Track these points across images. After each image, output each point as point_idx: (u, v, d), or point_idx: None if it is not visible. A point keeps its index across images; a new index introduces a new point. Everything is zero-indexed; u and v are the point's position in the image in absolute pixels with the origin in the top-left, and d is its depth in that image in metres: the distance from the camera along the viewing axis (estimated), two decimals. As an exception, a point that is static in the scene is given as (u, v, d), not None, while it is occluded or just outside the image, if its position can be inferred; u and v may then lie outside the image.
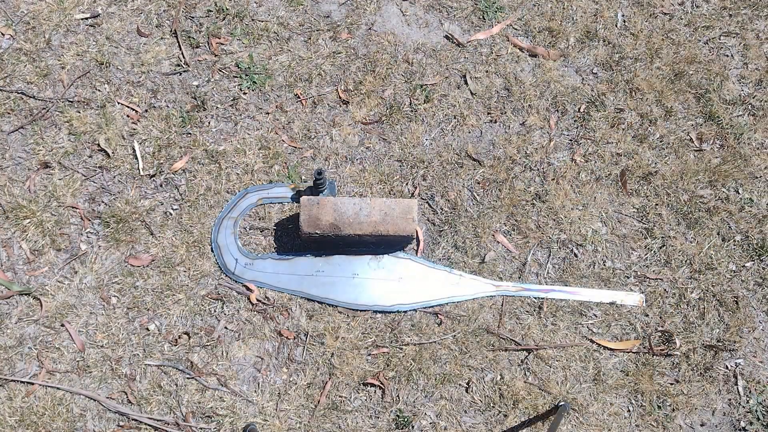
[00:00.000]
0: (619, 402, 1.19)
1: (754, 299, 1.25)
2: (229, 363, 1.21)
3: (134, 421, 1.17)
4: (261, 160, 1.36)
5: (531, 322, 1.24)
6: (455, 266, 1.28)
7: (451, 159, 1.36)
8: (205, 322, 1.24)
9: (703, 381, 1.20)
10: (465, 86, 1.43)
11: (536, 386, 1.19)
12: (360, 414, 1.18)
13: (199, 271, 1.27)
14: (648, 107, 1.40)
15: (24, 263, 1.28)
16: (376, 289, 1.25)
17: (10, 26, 1.42)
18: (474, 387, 1.19)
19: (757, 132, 1.38)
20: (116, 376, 1.20)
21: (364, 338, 1.22)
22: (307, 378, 1.20)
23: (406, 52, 1.46)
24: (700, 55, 1.45)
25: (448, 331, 1.23)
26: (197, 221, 1.30)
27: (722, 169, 1.34)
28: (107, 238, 1.29)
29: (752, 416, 1.18)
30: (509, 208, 1.32)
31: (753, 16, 1.50)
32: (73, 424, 1.17)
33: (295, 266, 1.27)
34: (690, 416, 1.18)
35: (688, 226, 1.30)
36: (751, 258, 1.28)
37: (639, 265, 1.28)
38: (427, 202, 1.33)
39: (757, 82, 1.43)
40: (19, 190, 1.32)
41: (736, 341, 1.22)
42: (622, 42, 1.47)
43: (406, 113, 1.40)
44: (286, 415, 1.18)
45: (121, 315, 1.24)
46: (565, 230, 1.30)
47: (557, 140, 1.38)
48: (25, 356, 1.22)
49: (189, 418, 1.17)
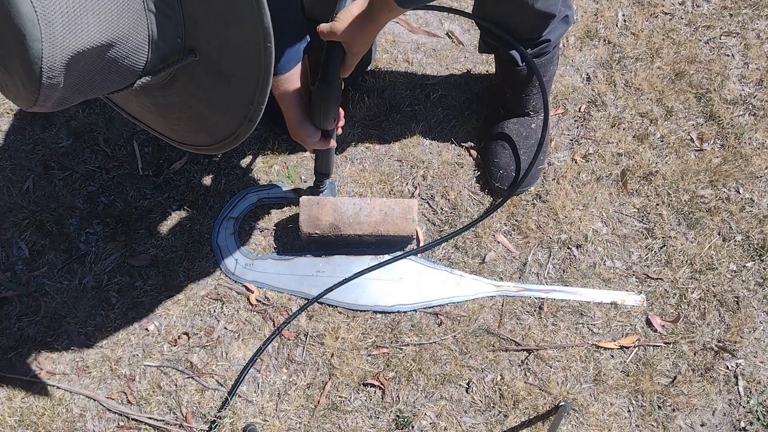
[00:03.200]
0: (620, 402, 1.18)
1: (754, 299, 1.25)
2: (228, 363, 1.21)
3: (134, 421, 1.17)
4: (261, 160, 1.35)
5: (531, 322, 1.23)
6: (455, 266, 1.27)
7: (451, 159, 1.36)
8: (204, 322, 1.24)
9: (704, 381, 1.20)
10: (465, 86, 1.43)
11: (536, 386, 1.19)
12: (360, 414, 1.18)
13: (199, 271, 1.27)
14: (649, 107, 1.40)
15: (24, 263, 1.28)
16: (376, 290, 1.25)
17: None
18: (474, 387, 1.19)
19: (757, 132, 1.38)
20: (116, 377, 1.20)
21: (364, 338, 1.22)
22: (307, 378, 1.20)
23: (406, 51, 1.46)
24: (700, 54, 1.45)
25: (448, 332, 1.23)
26: (197, 221, 1.30)
27: (723, 169, 1.34)
28: (107, 239, 1.29)
29: (752, 416, 1.18)
30: (509, 208, 1.31)
31: (753, 16, 1.50)
32: (72, 424, 1.17)
33: (295, 266, 1.27)
34: (690, 416, 1.18)
35: (689, 226, 1.30)
36: (752, 258, 1.28)
37: (639, 265, 1.28)
38: (427, 202, 1.33)
39: (757, 82, 1.43)
40: (19, 190, 1.32)
41: (737, 341, 1.22)
42: (623, 42, 1.46)
43: (406, 113, 1.40)
44: (285, 415, 1.18)
45: (121, 315, 1.24)
46: (566, 230, 1.30)
47: (557, 140, 1.38)
48: (24, 356, 1.22)
49: (189, 418, 1.17)
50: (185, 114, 0.76)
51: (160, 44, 0.65)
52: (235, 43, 0.67)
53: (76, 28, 0.56)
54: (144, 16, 0.62)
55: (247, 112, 0.71)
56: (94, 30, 0.58)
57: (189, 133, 0.80)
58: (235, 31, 0.66)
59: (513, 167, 1.29)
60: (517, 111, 1.32)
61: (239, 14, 0.64)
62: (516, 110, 1.32)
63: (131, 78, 0.65)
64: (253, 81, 0.69)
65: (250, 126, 0.73)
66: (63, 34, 0.55)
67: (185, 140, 0.81)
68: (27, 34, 0.53)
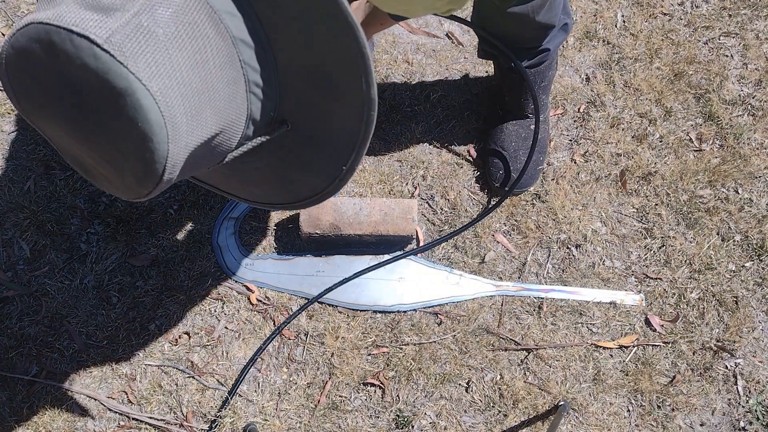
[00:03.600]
0: (619, 402, 1.19)
1: (753, 299, 1.25)
2: (229, 363, 1.21)
3: (135, 420, 1.18)
4: (261, 160, 1.36)
5: (531, 322, 1.24)
6: (455, 266, 1.28)
7: (451, 159, 1.36)
8: (205, 322, 1.24)
9: (703, 381, 1.20)
10: (465, 87, 1.43)
11: (536, 386, 1.19)
12: (360, 414, 1.18)
13: (200, 271, 1.27)
14: (648, 107, 1.41)
15: (25, 263, 1.28)
16: (376, 289, 1.25)
17: (10, 27, 1.43)
18: (474, 387, 1.19)
19: (756, 132, 1.38)
20: (116, 376, 1.21)
21: (364, 338, 1.22)
22: (307, 378, 1.20)
23: (406, 52, 1.47)
24: (699, 55, 1.46)
25: (448, 331, 1.23)
26: (198, 221, 1.31)
27: (722, 169, 1.34)
28: (108, 238, 1.29)
29: (752, 416, 1.18)
30: (509, 208, 1.32)
31: (753, 17, 1.50)
32: (73, 423, 1.18)
33: (295, 266, 1.27)
34: (690, 416, 1.18)
35: (688, 226, 1.30)
36: (751, 258, 1.28)
37: (639, 264, 1.28)
38: (426, 202, 1.33)
39: (756, 83, 1.43)
40: (20, 190, 1.33)
41: (736, 341, 1.22)
42: (622, 42, 1.47)
43: (406, 113, 1.40)
44: (286, 414, 1.18)
45: (122, 315, 1.24)
46: (565, 230, 1.30)
47: (557, 140, 1.38)
48: (25, 356, 1.22)
49: (189, 418, 1.17)
50: (266, 177, 0.74)
51: (256, 120, 0.64)
52: (335, 112, 0.65)
53: (196, 125, 0.55)
54: (246, 98, 0.61)
55: (339, 172, 0.69)
56: (210, 122, 0.57)
57: (267, 193, 0.77)
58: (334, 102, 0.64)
59: (512, 168, 1.30)
60: (516, 113, 1.32)
61: (342, 87, 0.62)
62: (515, 112, 1.32)
63: (225, 155, 0.64)
64: (350, 146, 0.66)
65: (340, 185, 0.70)
66: (186, 134, 0.54)
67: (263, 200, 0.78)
68: (154, 137, 0.52)
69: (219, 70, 0.57)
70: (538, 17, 1.07)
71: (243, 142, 0.65)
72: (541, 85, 1.26)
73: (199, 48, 0.55)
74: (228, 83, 0.58)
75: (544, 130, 1.33)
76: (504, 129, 1.32)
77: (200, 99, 0.56)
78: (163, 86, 0.52)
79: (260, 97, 0.63)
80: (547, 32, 1.15)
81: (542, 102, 1.31)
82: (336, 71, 0.61)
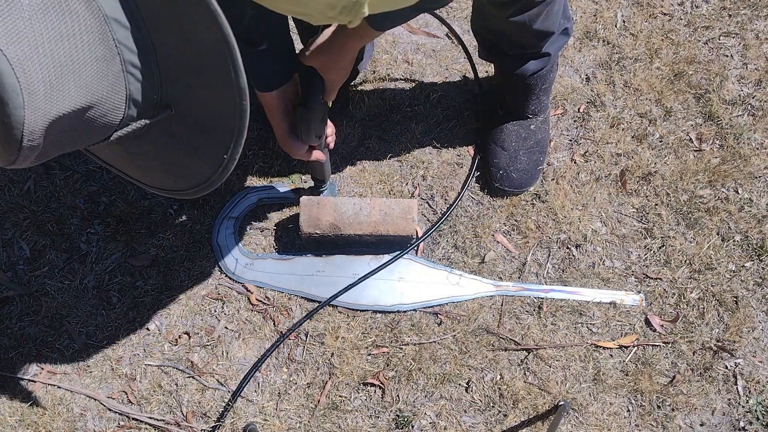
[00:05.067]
0: (619, 402, 1.19)
1: (753, 299, 1.25)
2: (229, 363, 1.21)
3: (135, 420, 1.18)
4: (261, 160, 1.36)
5: (531, 322, 1.24)
6: (455, 266, 1.28)
7: (450, 159, 1.37)
8: (205, 322, 1.24)
9: (703, 381, 1.20)
10: (465, 87, 1.43)
11: (536, 386, 1.19)
12: (360, 414, 1.18)
13: (200, 271, 1.27)
14: (648, 107, 1.41)
15: (25, 263, 1.28)
16: (376, 289, 1.25)
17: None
18: (474, 387, 1.19)
19: (756, 132, 1.38)
20: (116, 376, 1.21)
21: (364, 338, 1.22)
22: (307, 378, 1.20)
23: (406, 52, 1.47)
24: (699, 55, 1.46)
25: (447, 331, 1.23)
26: (197, 221, 1.31)
27: (722, 169, 1.34)
28: (107, 238, 1.29)
29: (752, 416, 1.18)
30: (509, 208, 1.32)
31: (753, 17, 1.50)
32: (73, 423, 1.18)
33: (295, 266, 1.27)
34: (689, 416, 1.18)
35: (688, 226, 1.30)
36: (751, 258, 1.28)
37: (638, 264, 1.28)
38: (426, 202, 1.33)
39: (756, 83, 1.43)
40: (20, 190, 1.33)
41: (736, 341, 1.22)
42: (622, 42, 1.47)
43: (406, 113, 1.40)
44: (286, 414, 1.18)
45: (122, 315, 1.24)
46: (565, 230, 1.30)
47: (557, 140, 1.38)
48: (25, 356, 1.22)
49: (189, 418, 1.17)
50: (157, 162, 0.77)
51: (137, 101, 0.66)
52: (211, 99, 0.67)
53: (57, 95, 0.57)
54: (122, 77, 0.63)
55: (222, 161, 0.72)
56: (75, 95, 0.59)
57: (162, 178, 0.81)
58: (210, 90, 0.67)
59: (512, 168, 1.30)
60: (516, 113, 1.32)
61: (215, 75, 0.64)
62: (515, 112, 1.32)
63: (107, 132, 0.66)
64: (228, 134, 0.69)
65: (224, 174, 0.74)
66: (45, 102, 0.56)
67: (159, 185, 0.82)
68: (9, 101, 0.54)
69: (87, 46, 0.59)
70: (535, 25, 1.08)
71: (127, 123, 0.67)
72: (542, 88, 1.27)
73: (66, 22, 0.57)
74: (98, 60, 0.60)
75: (545, 130, 1.33)
76: (504, 129, 1.33)
77: (63, 71, 0.57)
78: (21, 54, 0.54)
79: (139, 78, 0.65)
80: (546, 38, 1.16)
81: (543, 103, 1.31)
82: (207, 59, 0.64)
